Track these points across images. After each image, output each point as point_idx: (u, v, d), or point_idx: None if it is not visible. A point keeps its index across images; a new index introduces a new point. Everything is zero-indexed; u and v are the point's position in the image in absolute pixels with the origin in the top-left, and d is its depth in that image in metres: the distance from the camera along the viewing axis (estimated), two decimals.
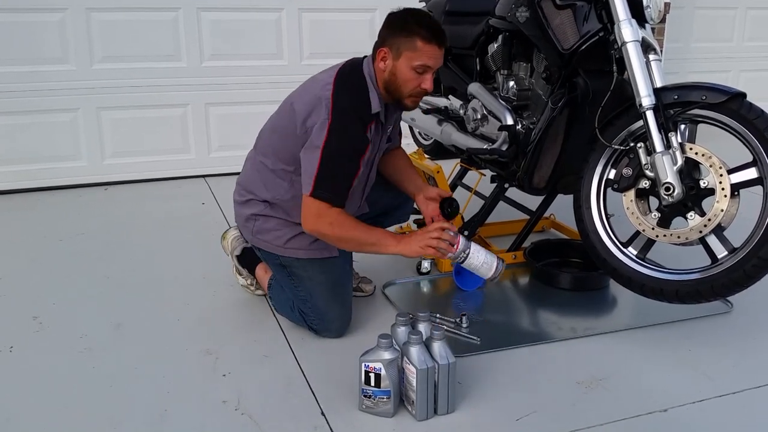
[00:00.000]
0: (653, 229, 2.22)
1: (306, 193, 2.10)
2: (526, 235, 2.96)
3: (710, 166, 2.11)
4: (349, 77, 2.16)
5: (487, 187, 2.92)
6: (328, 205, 2.09)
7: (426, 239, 2.10)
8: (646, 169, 2.20)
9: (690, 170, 2.17)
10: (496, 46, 2.74)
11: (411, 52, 2.09)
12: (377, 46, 2.17)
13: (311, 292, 2.28)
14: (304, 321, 2.31)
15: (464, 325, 2.34)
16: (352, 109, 2.10)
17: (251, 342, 2.29)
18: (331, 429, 1.83)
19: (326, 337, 2.30)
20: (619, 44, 2.23)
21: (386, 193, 2.53)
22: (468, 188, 3.20)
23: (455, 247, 2.11)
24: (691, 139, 2.22)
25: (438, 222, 2.20)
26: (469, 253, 2.13)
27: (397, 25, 2.12)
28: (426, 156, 3.49)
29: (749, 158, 2.09)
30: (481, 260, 2.14)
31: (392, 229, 2.74)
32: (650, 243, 2.28)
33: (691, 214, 2.16)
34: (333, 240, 2.16)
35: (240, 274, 2.64)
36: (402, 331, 1.93)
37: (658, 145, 2.14)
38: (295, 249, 2.29)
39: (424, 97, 3.26)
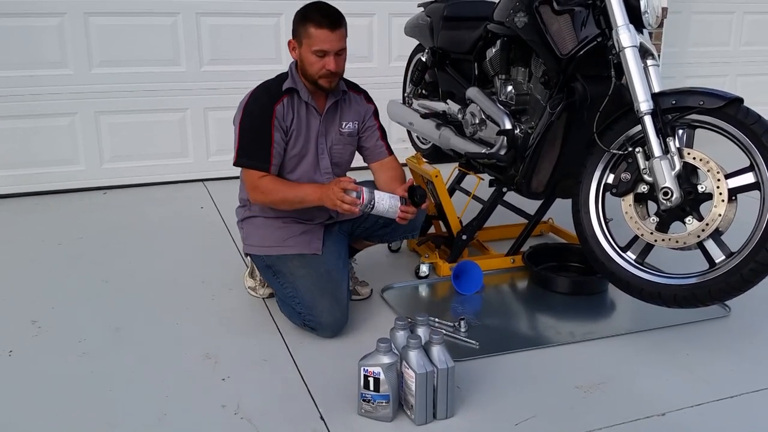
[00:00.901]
0: (651, 233, 2.23)
1: (233, 163, 2.38)
2: (524, 239, 2.96)
3: (708, 170, 2.11)
4: (277, 75, 2.45)
5: (486, 191, 2.93)
6: (258, 174, 2.34)
7: (333, 200, 2.21)
8: (645, 173, 2.21)
9: (688, 175, 2.18)
10: (494, 50, 2.75)
11: (308, 39, 2.30)
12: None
13: (296, 287, 2.34)
14: (302, 321, 2.33)
15: (463, 330, 2.35)
16: (262, 90, 2.40)
17: (250, 346, 2.29)
18: None
19: (322, 335, 2.31)
20: (617, 49, 2.23)
21: None
22: (466, 192, 3.20)
23: (361, 200, 2.20)
24: (689, 144, 2.23)
25: (340, 182, 2.22)
26: (374, 203, 2.22)
27: (299, 17, 2.34)
28: (424, 160, 3.49)
29: (746, 163, 2.09)
30: (386, 206, 2.24)
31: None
32: (649, 247, 2.29)
33: (689, 219, 2.16)
34: (273, 205, 2.39)
35: (251, 276, 2.68)
36: (401, 335, 1.93)
37: (657, 150, 2.15)
38: (274, 246, 2.42)
39: (423, 102, 3.30)
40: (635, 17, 2.26)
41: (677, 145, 2.17)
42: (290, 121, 2.38)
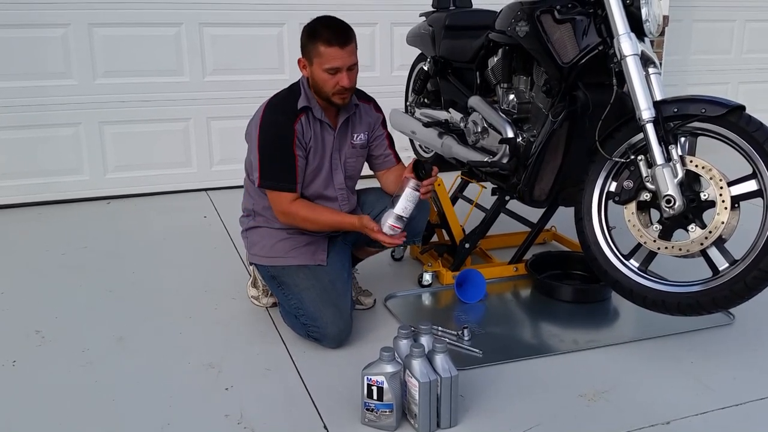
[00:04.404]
0: (654, 241, 2.22)
1: (257, 185, 2.34)
2: (527, 247, 2.96)
3: (710, 178, 2.11)
4: (288, 88, 2.42)
5: (488, 200, 2.93)
6: (288, 198, 2.32)
7: (376, 236, 2.25)
8: (647, 181, 2.21)
9: (690, 183, 2.18)
10: (496, 59, 2.76)
11: (318, 58, 2.26)
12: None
13: (301, 299, 2.33)
14: (306, 331, 2.33)
15: (466, 338, 2.35)
16: (279, 107, 2.35)
17: (254, 355, 2.29)
18: None
19: (326, 346, 2.30)
20: (619, 58, 2.24)
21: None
22: (469, 201, 3.20)
23: (401, 227, 2.23)
24: (691, 152, 2.23)
25: (378, 233, 2.24)
26: (405, 219, 2.24)
27: (306, 35, 2.30)
28: None
29: (749, 170, 2.09)
30: (411, 206, 2.24)
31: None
32: (652, 255, 2.29)
33: (692, 227, 2.16)
34: (303, 228, 2.38)
35: (254, 285, 2.68)
36: (404, 344, 1.93)
37: (659, 158, 2.15)
38: (278, 257, 2.41)
39: (425, 110, 3.31)
40: (636, 26, 2.27)
41: (679, 153, 2.17)
42: (309, 138, 2.35)
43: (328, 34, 2.23)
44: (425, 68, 3.31)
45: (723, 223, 2.08)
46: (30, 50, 3.89)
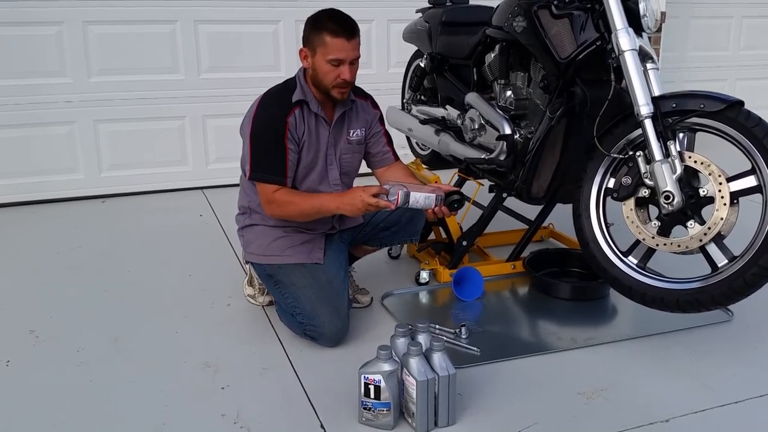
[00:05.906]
0: (653, 237, 2.21)
1: (247, 177, 2.33)
2: (525, 244, 2.95)
3: (709, 174, 2.10)
4: (283, 82, 2.42)
5: (486, 197, 2.92)
6: (272, 188, 2.29)
7: (365, 206, 2.17)
8: (646, 177, 2.20)
9: (689, 179, 2.17)
10: (493, 55, 2.75)
11: (323, 48, 2.25)
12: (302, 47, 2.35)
13: (297, 297, 2.32)
14: (302, 330, 2.32)
15: (464, 336, 2.33)
16: (273, 101, 2.35)
17: (250, 354, 2.28)
18: None
19: (323, 345, 2.29)
20: (617, 53, 2.23)
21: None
22: (466, 198, 3.19)
23: (396, 203, 2.16)
24: (690, 148, 2.22)
25: (370, 190, 2.17)
26: (409, 202, 2.19)
27: (311, 25, 2.29)
28: (424, 166, 3.49)
29: (748, 166, 2.08)
30: (421, 203, 2.22)
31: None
32: (650, 252, 2.28)
33: (690, 223, 2.15)
34: (290, 218, 2.35)
35: (251, 284, 2.66)
36: (401, 342, 1.92)
37: (657, 154, 2.14)
38: (275, 255, 2.40)
39: (422, 107, 3.30)
40: (634, 21, 2.25)
41: (678, 149, 2.16)
42: (302, 132, 2.34)
43: (334, 25, 2.23)
44: (422, 65, 3.29)
45: (722, 219, 2.07)
46: (24, 48, 3.87)
